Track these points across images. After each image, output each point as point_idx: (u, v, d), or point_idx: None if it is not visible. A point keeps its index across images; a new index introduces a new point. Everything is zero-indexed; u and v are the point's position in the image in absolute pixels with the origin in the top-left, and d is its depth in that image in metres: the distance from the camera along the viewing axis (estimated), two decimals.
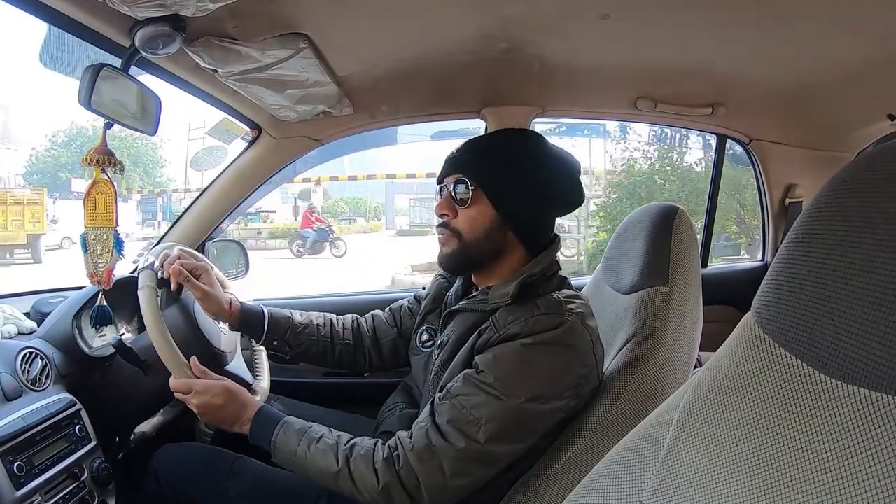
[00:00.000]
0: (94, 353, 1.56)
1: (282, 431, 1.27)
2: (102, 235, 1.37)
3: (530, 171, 1.31)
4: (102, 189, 1.36)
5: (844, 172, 0.53)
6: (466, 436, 1.16)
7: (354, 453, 1.21)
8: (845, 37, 1.47)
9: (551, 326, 1.19)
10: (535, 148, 1.35)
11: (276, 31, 1.34)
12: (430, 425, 1.19)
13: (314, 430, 1.27)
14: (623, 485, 0.69)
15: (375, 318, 1.75)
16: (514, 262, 1.35)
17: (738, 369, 0.61)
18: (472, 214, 1.32)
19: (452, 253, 1.36)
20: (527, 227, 1.33)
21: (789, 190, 2.38)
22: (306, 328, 1.64)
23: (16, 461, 1.20)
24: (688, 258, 1.38)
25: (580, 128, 10.77)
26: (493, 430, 1.17)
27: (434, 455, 1.17)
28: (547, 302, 1.24)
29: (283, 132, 2.05)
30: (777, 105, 2.04)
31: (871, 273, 0.48)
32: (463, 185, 1.32)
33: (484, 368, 1.19)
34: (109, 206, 1.37)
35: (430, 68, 1.72)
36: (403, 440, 1.21)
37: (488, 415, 1.16)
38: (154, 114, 1.44)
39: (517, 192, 1.30)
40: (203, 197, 2.17)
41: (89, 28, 1.21)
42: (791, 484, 0.51)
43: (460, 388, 1.20)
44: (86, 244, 1.38)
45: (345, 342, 1.67)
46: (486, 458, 1.19)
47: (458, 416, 1.17)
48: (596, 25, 1.43)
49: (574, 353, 1.21)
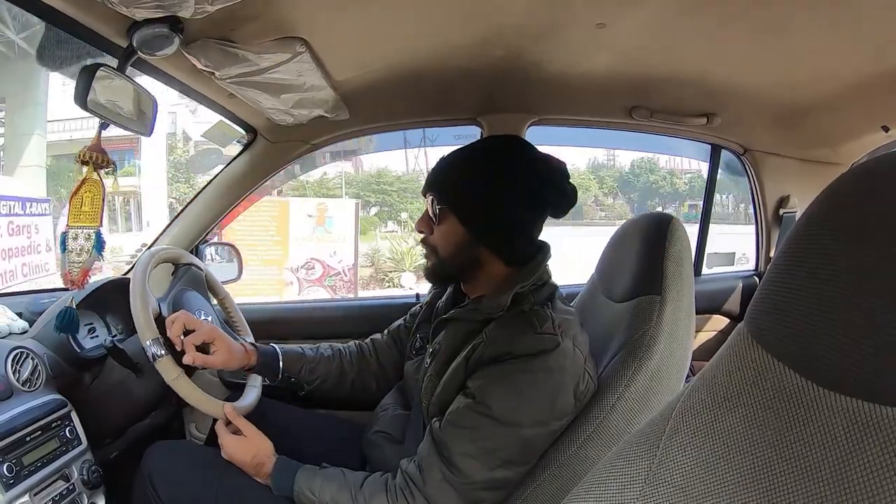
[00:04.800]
0: (86, 354, 1.55)
1: (300, 481, 1.29)
2: (84, 235, 1.36)
3: (500, 181, 1.31)
4: (91, 187, 1.35)
5: (838, 184, 0.54)
6: (476, 467, 1.18)
7: (371, 496, 1.23)
8: (840, 48, 1.48)
9: (544, 349, 1.20)
10: (508, 155, 1.34)
11: (273, 35, 1.34)
12: (438, 459, 1.21)
13: (328, 473, 1.30)
14: (615, 492, 0.69)
15: (376, 342, 1.76)
16: (495, 273, 1.36)
17: (731, 379, 0.61)
18: (444, 231, 1.35)
19: (432, 267, 1.41)
20: (500, 240, 1.33)
21: (783, 201, 2.39)
22: (319, 363, 1.64)
23: (5, 462, 1.20)
24: (681, 267, 1.38)
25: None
26: (501, 458, 1.19)
27: (448, 489, 1.19)
28: (540, 319, 1.24)
29: (278, 136, 2.05)
30: (772, 116, 2.05)
31: (864, 285, 0.48)
32: (434, 203, 1.35)
33: (481, 399, 1.20)
34: (97, 205, 1.36)
35: (427, 74, 1.72)
36: (414, 476, 1.22)
37: (494, 445, 1.19)
38: (150, 115, 1.44)
39: (485, 207, 1.31)
40: (197, 200, 2.17)
41: (87, 27, 1.21)
42: (783, 494, 0.51)
43: (461, 419, 1.21)
44: (65, 243, 1.36)
45: (354, 371, 1.68)
46: (499, 484, 1.22)
47: (464, 449, 1.19)
48: (591, 34, 1.44)
49: (569, 375, 1.22)
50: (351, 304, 2.58)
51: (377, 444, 1.49)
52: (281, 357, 1.58)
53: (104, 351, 1.54)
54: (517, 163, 1.33)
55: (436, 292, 1.62)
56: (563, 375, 1.21)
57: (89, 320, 1.69)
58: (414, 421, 1.43)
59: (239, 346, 1.53)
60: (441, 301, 1.53)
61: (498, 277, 1.35)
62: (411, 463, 1.25)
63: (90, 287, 1.69)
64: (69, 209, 1.36)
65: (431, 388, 1.34)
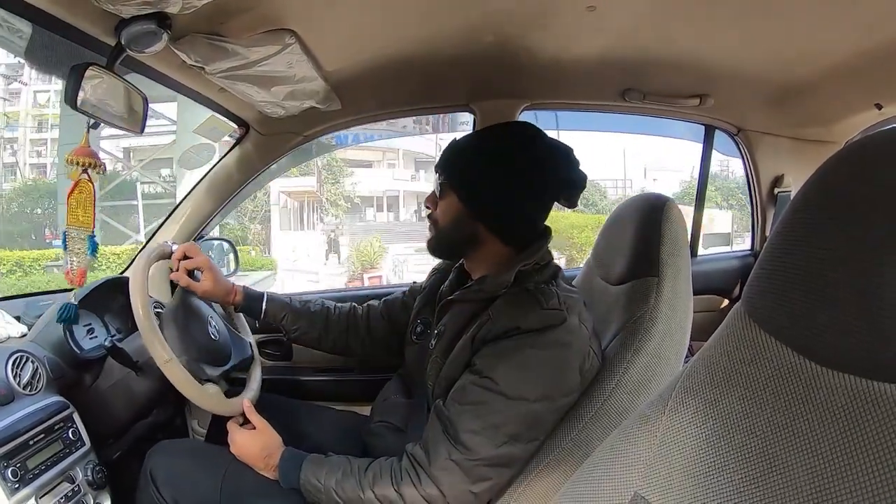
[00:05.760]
0: (86, 355, 1.55)
1: (306, 470, 1.31)
2: (80, 236, 1.37)
3: (503, 167, 1.33)
4: (83, 189, 1.35)
5: (832, 162, 0.54)
6: (482, 443, 1.18)
7: (375, 479, 1.24)
8: (832, 26, 1.47)
9: (551, 324, 1.22)
10: (513, 142, 1.37)
11: (262, 28, 1.34)
12: (444, 437, 1.21)
13: (334, 461, 1.31)
14: (617, 473, 0.70)
15: (370, 307, 1.79)
16: (494, 253, 1.38)
17: (729, 358, 0.61)
18: (444, 206, 1.40)
19: (431, 239, 1.45)
20: (499, 220, 1.36)
21: (778, 180, 2.38)
22: (303, 311, 1.70)
23: (10, 466, 1.20)
24: (677, 248, 1.39)
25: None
26: (508, 434, 1.19)
27: (454, 467, 1.19)
28: (546, 296, 1.26)
29: (270, 128, 2.05)
30: (765, 95, 2.04)
31: (858, 261, 0.48)
32: (439, 180, 1.40)
33: (488, 374, 1.20)
34: (88, 209, 1.36)
35: (417, 62, 1.71)
36: (420, 458, 1.23)
37: (500, 420, 1.19)
38: (141, 112, 1.43)
39: (485, 187, 1.33)
40: (191, 195, 2.17)
41: (74, 27, 1.20)
42: (783, 470, 0.51)
43: (467, 396, 1.22)
44: (66, 242, 1.37)
45: (340, 327, 1.72)
46: (505, 461, 1.22)
47: (470, 426, 1.19)
48: (582, 17, 1.43)
49: (574, 350, 1.23)
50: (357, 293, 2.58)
51: (379, 434, 1.49)
52: (265, 301, 1.67)
53: (104, 351, 1.54)
54: (522, 151, 1.35)
55: (436, 277, 1.64)
56: (570, 350, 1.22)
57: (88, 321, 1.69)
58: (416, 408, 1.45)
59: (227, 282, 1.69)
60: (444, 285, 1.55)
61: (499, 257, 1.37)
62: (416, 445, 1.26)
63: (88, 287, 1.69)
64: (67, 210, 1.36)
65: (437, 369, 1.36)
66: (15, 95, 24.96)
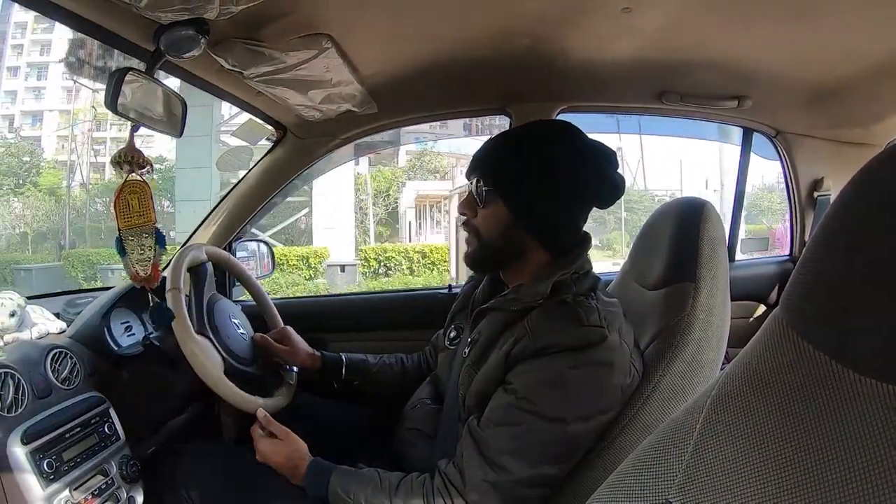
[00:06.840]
0: (123, 351, 1.58)
1: (334, 483, 1.28)
2: (141, 234, 1.39)
3: (549, 169, 1.28)
4: (135, 189, 1.37)
5: (873, 164, 0.52)
6: (518, 465, 1.15)
7: (407, 498, 1.21)
8: (871, 26, 1.44)
9: (591, 342, 1.17)
10: (557, 142, 1.31)
11: (298, 32, 1.35)
12: (479, 458, 1.18)
13: (364, 476, 1.28)
14: (650, 482, 0.68)
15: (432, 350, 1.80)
16: (538, 262, 1.33)
17: (766, 366, 0.60)
18: (488, 214, 1.33)
19: (472, 252, 1.38)
20: (545, 227, 1.31)
21: (817, 184, 2.34)
22: (380, 368, 1.74)
23: (46, 458, 1.23)
24: (715, 253, 1.36)
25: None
26: (545, 455, 1.16)
27: (489, 489, 1.16)
28: (587, 311, 1.20)
29: (307, 132, 2.07)
30: (804, 97, 2.00)
31: None
32: (480, 185, 1.32)
33: (524, 394, 1.17)
34: (146, 204, 1.38)
35: (452, 66, 1.72)
36: (453, 478, 1.20)
37: (537, 441, 1.16)
38: (179, 116, 1.45)
39: (532, 192, 1.28)
40: (230, 197, 2.20)
41: (114, 33, 1.23)
42: (818, 482, 0.50)
43: (503, 416, 1.19)
44: (122, 247, 1.38)
45: (415, 379, 1.72)
46: (541, 481, 1.18)
47: (506, 447, 1.16)
48: (618, 18, 1.42)
49: (616, 369, 1.19)
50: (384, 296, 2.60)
51: (410, 442, 1.48)
52: (345, 364, 1.70)
53: (141, 348, 1.57)
54: (566, 150, 1.30)
55: (471, 284, 1.61)
56: (611, 370, 1.18)
57: (125, 318, 1.73)
58: (446, 414, 1.43)
59: (307, 351, 1.73)
60: (478, 291, 1.51)
61: (539, 266, 1.33)
62: (450, 464, 1.23)
63: (126, 286, 1.72)
64: (116, 214, 1.37)
65: (468, 378, 1.32)
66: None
